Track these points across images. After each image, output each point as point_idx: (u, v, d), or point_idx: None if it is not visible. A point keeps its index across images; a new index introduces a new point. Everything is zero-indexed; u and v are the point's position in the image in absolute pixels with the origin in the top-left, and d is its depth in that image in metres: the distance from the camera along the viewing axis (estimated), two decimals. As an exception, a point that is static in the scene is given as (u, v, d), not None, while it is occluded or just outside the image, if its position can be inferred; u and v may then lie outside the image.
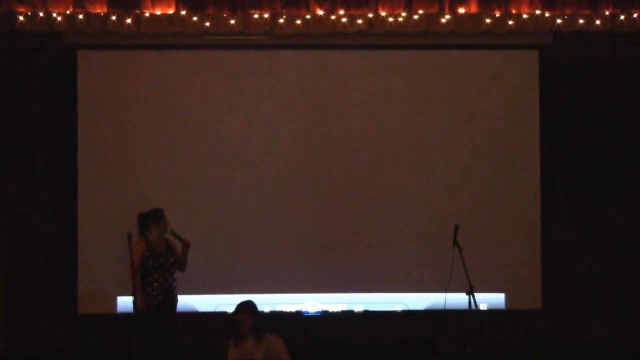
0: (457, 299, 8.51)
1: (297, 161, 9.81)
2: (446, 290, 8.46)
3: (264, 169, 9.77)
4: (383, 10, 9.02)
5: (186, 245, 8.70)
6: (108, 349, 9.54)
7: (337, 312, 9.69)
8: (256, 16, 9.00)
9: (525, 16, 9.10)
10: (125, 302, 9.30)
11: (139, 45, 9.64)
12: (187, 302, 9.38)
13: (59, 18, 8.91)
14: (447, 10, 9.04)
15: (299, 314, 9.67)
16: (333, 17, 9.07)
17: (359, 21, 9.09)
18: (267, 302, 9.57)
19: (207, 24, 9.04)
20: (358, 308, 9.72)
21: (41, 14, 8.86)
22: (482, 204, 9.82)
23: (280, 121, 9.81)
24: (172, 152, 9.74)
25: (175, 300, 8.69)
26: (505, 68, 9.91)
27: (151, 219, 8.62)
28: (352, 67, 9.85)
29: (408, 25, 9.12)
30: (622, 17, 9.13)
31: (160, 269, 8.55)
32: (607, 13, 9.10)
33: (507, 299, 9.79)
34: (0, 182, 9.70)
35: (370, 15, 9.05)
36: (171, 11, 8.91)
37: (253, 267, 9.67)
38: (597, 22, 9.13)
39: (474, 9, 9.04)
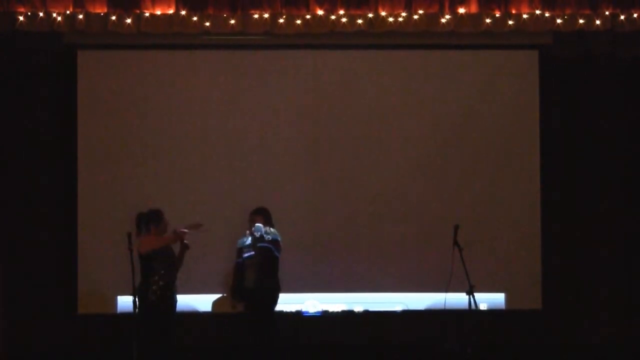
0: (457, 299, 8.51)
1: (297, 161, 9.81)
2: (446, 290, 8.46)
3: (263, 168, 9.77)
4: (383, 10, 9.03)
5: (185, 247, 8.72)
6: (108, 349, 9.54)
7: (337, 312, 9.69)
8: (256, 16, 9.01)
9: (525, 16, 9.11)
10: (125, 302, 9.30)
11: (139, 45, 9.65)
12: (187, 302, 9.38)
13: (59, 18, 8.92)
14: (447, 10, 9.05)
15: (299, 314, 9.67)
16: (333, 17, 9.08)
17: (359, 21, 9.10)
18: (267, 302, 9.58)
19: (207, 24, 9.05)
20: (358, 308, 9.72)
21: (41, 14, 8.88)
22: (482, 204, 9.82)
23: (280, 121, 9.81)
24: (172, 152, 9.74)
25: (175, 301, 8.70)
26: (505, 68, 9.91)
27: (150, 219, 8.64)
28: (352, 67, 9.85)
29: (408, 25, 9.13)
30: (622, 17, 9.14)
31: (162, 268, 8.56)
32: (607, 13, 9.11)
33: (507, 299, 9.79)
34: (0, 182, 9.70)
35: (370, 15, 9.06)
36: (171, 11, 8.92)
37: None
38: (597, 22, 9.14)
39: (474, 9, 9.05)
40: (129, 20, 8.94)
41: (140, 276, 8.49)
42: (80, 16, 8.92)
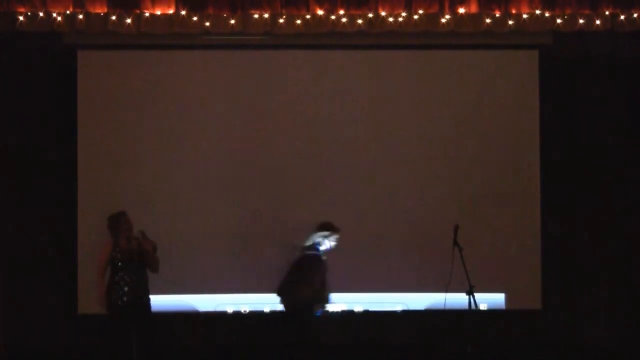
0: (457, 299, 8.51)
1: (297, 161, 9.81)
2: (446, 290, 8.45)
3: (263, 168, 9.77)
4: (383, 10, 9.03)
5: (153, 247, 8.72)
6: (108, 349, 9.53)
7: (337, 312, 9.69)
8: (256, 16, 9.01)
9: (525, 16, 9.11)
10: (125, 302, 9.30)
11: (139, 45, 9.65)
12: (187, 302, 9.38)
13: (59, 18, 8.92)
14: (447, 10, 9.05)
15: (299, 313, 9.66)
16: (333, 17, 9.08)
17: (359, 21, 9.10)
18: (267, 302, 9.56)
19: (207, 24, 9.05)
20: (358, 308, 9.72)
21: (41, 14, 8.88)
22: (482, 204, 9.82)
23: (280, 121, 9.81)
24: (172, 152, 9.74)
25: (147, 299, 8.67)
26: (505, 68, 9.92)
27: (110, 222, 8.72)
28: (352, 67, 9.85)
29: (408, 25, 9.13)
30: (622, 17, 9.14)
31: (127, 268, 8.55)
32: (607, 13, 9.11)
33: (507, 299, 9.79)
34: (0, 182, 9.70)
35: (370, 15, 9.07)
36: (171, 11, 8.92)
37: (253, 267, 9.66)
38: (597, 22, 9.14)
39: (474, 9, 9.05)
40: (129, 20, 8.94)
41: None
42: (80, 16, 8.92)
